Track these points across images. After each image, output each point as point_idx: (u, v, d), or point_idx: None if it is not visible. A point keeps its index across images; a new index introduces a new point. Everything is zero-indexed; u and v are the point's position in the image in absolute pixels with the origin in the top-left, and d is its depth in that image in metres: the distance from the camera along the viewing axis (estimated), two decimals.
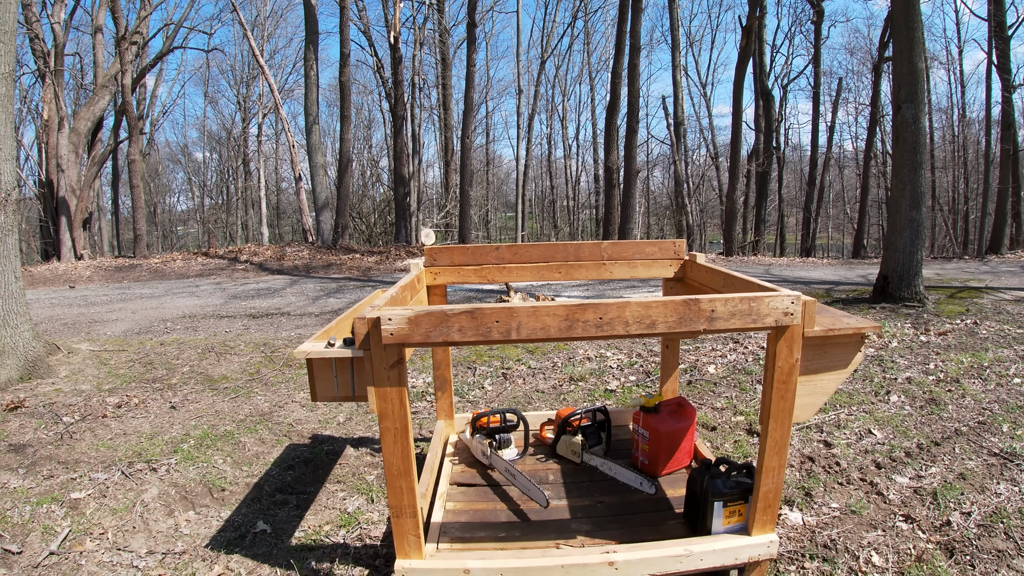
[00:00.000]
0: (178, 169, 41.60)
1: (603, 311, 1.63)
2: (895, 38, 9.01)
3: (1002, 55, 21.68)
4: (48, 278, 15.05)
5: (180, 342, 7.15)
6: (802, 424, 4.03)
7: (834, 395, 4.68)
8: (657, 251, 2.93)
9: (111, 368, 6.35)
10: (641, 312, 1.66)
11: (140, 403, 5.26)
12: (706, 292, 2.74)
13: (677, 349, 3.22)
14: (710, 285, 2.61)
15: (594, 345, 5.80)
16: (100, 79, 19.60)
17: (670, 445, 2.70)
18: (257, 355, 6.24)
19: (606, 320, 1.64)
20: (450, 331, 1.60)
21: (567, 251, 2.89)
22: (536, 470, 2.78)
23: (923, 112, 8.73)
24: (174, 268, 14.79)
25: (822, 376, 2.18)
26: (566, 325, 1.62)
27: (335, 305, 9.17)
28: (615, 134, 16.94)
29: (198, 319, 8.58)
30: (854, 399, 4.63)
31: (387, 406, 1.71)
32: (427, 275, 2.87)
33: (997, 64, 21.65)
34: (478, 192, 33.44)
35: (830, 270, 14.97)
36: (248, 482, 3.40)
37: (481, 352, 5.47)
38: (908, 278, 8.74)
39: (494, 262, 2.89)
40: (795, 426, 4.02)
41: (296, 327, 7.58)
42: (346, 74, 16.17)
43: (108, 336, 7.85)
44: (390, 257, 14.48)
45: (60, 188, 18.12)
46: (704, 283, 2.70)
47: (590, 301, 1.62)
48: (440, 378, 3.09)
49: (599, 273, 2.91)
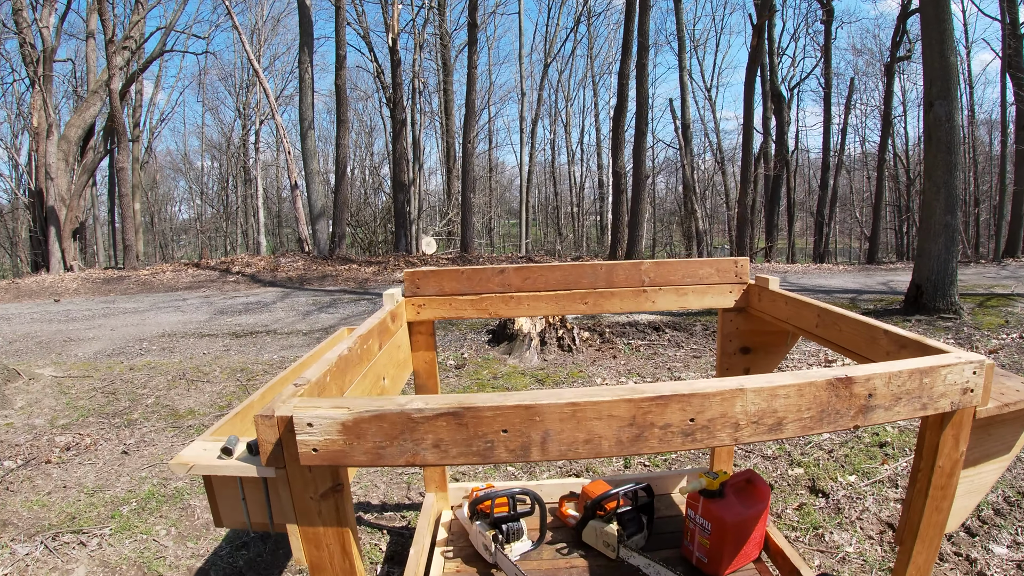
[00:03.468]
0: (180, 178, 41.12)
1: (698, 407, 0.94)
2: (924, 31, 8.45)
3: (1015, 54, 21.07)
4: (34, 291, 14.42)
5: (152, 366, 6.47)
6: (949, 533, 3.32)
7: (891, 436, 3.97)
8: (714, 273, 2.23)
9: (71, 398, 5.69)
10: (762, 406, 0.97)
11: (92, 445, 4.59)
12: (784, 329, 2.04)
13: None
14: (794, 322, 1.91)
15: (613, 371, 5.09)
16: (92, 85, 19.03)
17: (737, 538, 2.00)
18: (232, 383, 5.56)
19: (702, 422, 0.95)
20: (420, 447, 0.92)
21: (596, 275, 2.19)
22: (557, 569, 2.07)
23: (956, 109, 8.18)
24: (163, 280, 14.14)
25: (982, 468, 1.49)
26: (630, 435, 0.94)
27: (326, 321, 8.49)
28: (622, 137, 16.27)
29: (177, 338, 7.91)
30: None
31: (321, 556, 1.03)
32: (408, 308, 2.18)
33: (1010, 64, 21.01)
34: (481, 199, 32.81)
35: (848, 277, 14.27)
36: (191, 566, 2.71)
37: (484, 383, 4.77)
38: (943, 288, 8.20)
39: (498, 290, 2.19)
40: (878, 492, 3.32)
41: (281, 348, 6.89)
42: (342, 77, 15.53)
43: (78, 358, 7.19)
44: (388, 267, 13.80)
45: (49, 197, 17.52)
46: (781, 317, 2.01)
47: (675, 391, 0.94)
48: None
49: (638, 303, 2.21)
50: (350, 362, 1.39)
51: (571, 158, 36.21)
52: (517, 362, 5.44)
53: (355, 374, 1.44)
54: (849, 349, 1.69)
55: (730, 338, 2.37)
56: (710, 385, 0.95)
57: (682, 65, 19.77)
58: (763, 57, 18.86)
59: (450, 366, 5.48)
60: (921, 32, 8.57)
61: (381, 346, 1.80)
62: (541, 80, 27.45)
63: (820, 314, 1.80)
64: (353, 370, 1.42)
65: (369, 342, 1.61)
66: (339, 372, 1.29)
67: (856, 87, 29.19)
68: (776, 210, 21.27)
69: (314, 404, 0.92)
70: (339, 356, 1.30)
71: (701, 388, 0.94)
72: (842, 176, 31.10)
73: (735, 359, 2.40)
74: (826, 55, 23.80)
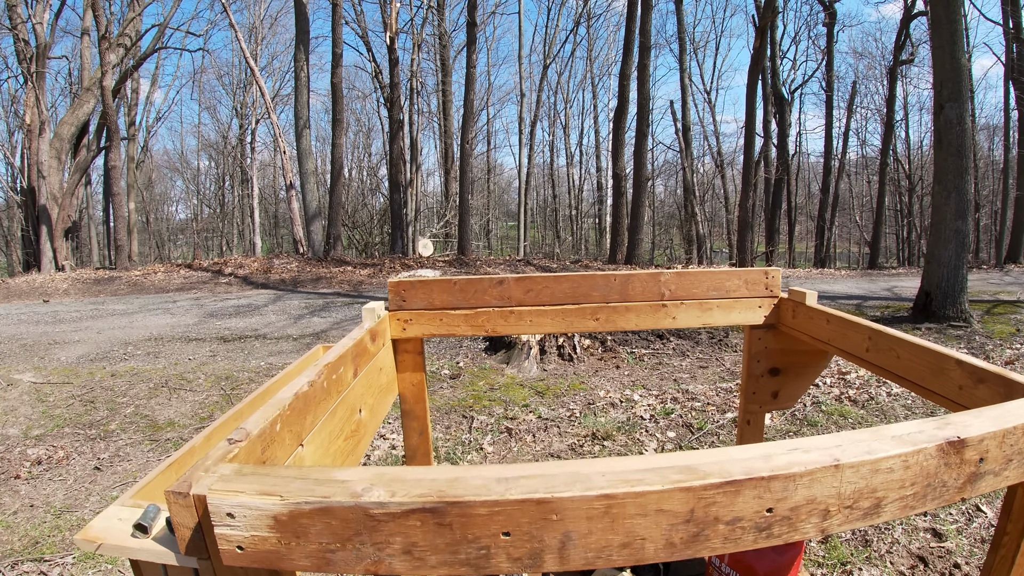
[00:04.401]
0: (176, 177, 40.81)
1: (779, 492, 0.68)
2: (934, 32, 8.29)
3: (1019, 58, 20.96)
4: (24, 290, 14.14)
5: (134, 372, 6.21)
6: None
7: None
8: (742, 285, 1.98)
9: (48, 407, 5.44)
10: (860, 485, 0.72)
11: (64, 458, 4.34)
12: (826, 351, 1.79)
13: (762, 423, 2.26)
14: (837, 344, 1.66)
15: (617, 383, 4.84)
16: (86, 82, 18.75)
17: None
18: (215, 392, 5.29)
19: (782, 512, 0.70)
20: (384, 553, 0.66)
21: (609, 287, 1.93)
22: None
23: (967, 112, 8.01)
24: (154, 281, 13.85)
25: None
26: (685, 534, 0.67)
27: (318, 325, 8.23)
28: (623, 139, 16.03)
29: (164, 342, 7.64)
30: None
31: None
32: (392, 324, 1.92)
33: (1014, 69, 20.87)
34: (479, 201, 32.56)
35: (852, 283, 14.06)
36: None
37: (480, 395, 4.51)
38: (953, 295, 8.04)
39: (496, 303, 1.94)
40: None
41: (269, 354, 6.63)
42: (338, 76, 15.28)
43: (60, 363, 6.93)
44: (384, 270, 13.53)
45: (41, 196, 17.23)
46: (820, 338, 1.76)
47: (749, 472, 0.68)
48: None
49: (656, 320, 1.96)
50: (311, 400, 1.13)
51: (570, 160, 35.99)
52: (515, 372, 5.19)
53: (320, 412, 1.19)
54: (910, 380, 1.45)
55: (758, 358, 2.12)
56: (795, 462, 0.70)
57: (683, 66, 19.56)
58: (765, 59, 18.65)
59: (444, 376, 5.22)
60: (930, 33, 8.40)
61: (357, 372, 1.55)
62: (540, 81, 27.23)
63: (872, 336, 1.55)
64: (317, 408, 1.17)
65: (340, 370, 1.35)
66: (296, 415, 1.04)
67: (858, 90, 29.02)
68: (777, 214, 21.05)
69: (235, 488, 0.67)
70: (296, 395, 1.05)
71: (784, 467, 0.68)
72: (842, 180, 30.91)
73: (763, 382, 2.16)
74: (828, 58, 23.62)
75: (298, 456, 1.06)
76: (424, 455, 2.15)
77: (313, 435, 1.15)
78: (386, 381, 1.87)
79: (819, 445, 0.76)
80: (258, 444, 0.89)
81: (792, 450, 0.74)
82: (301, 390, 1.09)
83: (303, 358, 1.82)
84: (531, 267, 14.15)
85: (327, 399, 1.29)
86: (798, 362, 2.14)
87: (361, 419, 1.59)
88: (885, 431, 0.81)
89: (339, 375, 1.39)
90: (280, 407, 0.99)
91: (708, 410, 4.05)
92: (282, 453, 0.98)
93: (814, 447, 0.75)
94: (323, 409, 1.21)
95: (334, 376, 1.35)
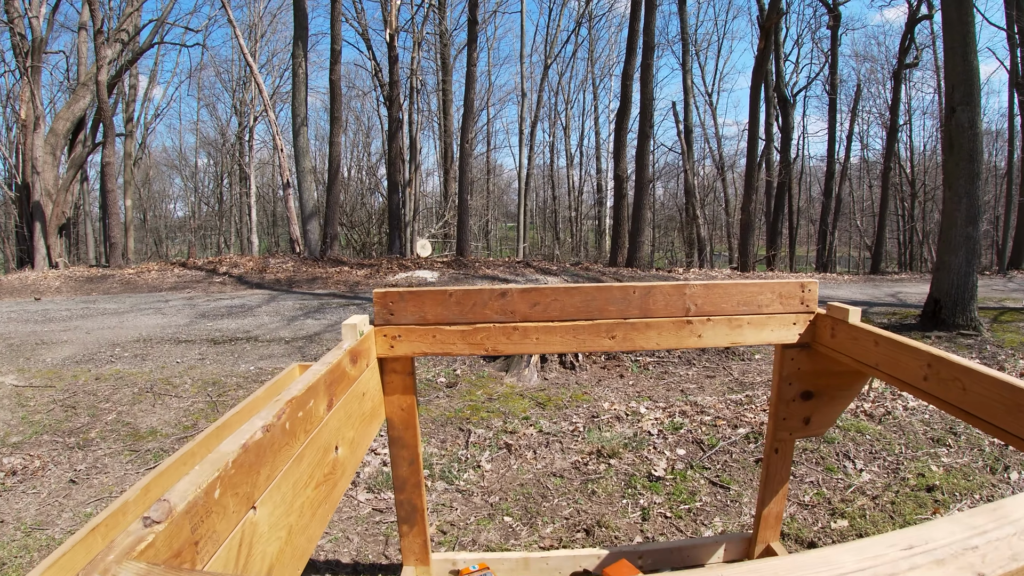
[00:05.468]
0: (175, 175, 40.58)
1: None
2: (946, 33, 8.16)
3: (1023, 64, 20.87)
4: (16, 288, 13.91)
5: (120, 376, 5.99)
6: None
7: (938, 477, 3.52)
8: (775, 300, 1.77)
9: (28, 411, 5.22)
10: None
11: (40, 469, 4.13)
12: (861, 372, 1.58)
13: (791, 452, 2.05)
14: (887, 369, 1.45)
15: (622, 394, 4.61)
16: (82, 77, 18.50)
17: None
18: (201, 399, 5.07)
19: None
20: None
21: (627, 300, 1.71)
22: None
23: (979, 115, 7.87)
24: (147, 280, 13.62)
25: None
26: None
27: (312, 328, 8.00)
28: (625, 140, 15.81)
29: (153, 343, 7.42)
30: (971, 481, 3.46)
31: None
32: (379, 341, 1.70)
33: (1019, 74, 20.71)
34: (478, 202, 32.34)
35: (855, 288, 13.87)
36: None
37: (478, 406, 4.28)
38: (963, 302, 7.91)
39: (498, 318, 1.72)
40: None
41: (259, 358, 6.40)
42: (337, 72, 15.05)
43: (45, 364, 6.71)
44: (381, 270, 13.30)
45: (36, 192, 16.98)
46: (868, 362, 1.54)
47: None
48: (407, 506, 1.91)
49: (680, 338, 1.74)
50: (267, 449, 0.92)
51: (570, 161, 35.76)
52: (515, 381, 4.96)
53: (280, 460, 0.97)
54: (980, 418, 1.23)
55: (789, 380, 1.91)
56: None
57: (685, 67, 19.35)
58: (769, 61, 18.45)
59: (440, 384, 4.99)
60: (943, 35, 8.25)
61: (333, 403, 1.33)
62: (541, 82, 26.99)
63: (932, 363, 1.33)
64: (276, 457, 0.95)
65: (310, 404, 1.14)
66: (244, 472, 0.83)
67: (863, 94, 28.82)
68: (780, 217, 20.85)
69: None
70: (244, 446, 0.83)
71: None
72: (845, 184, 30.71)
73: (794, 406, 1.94)
74: (832, 61, 23.42)
75: (249, 523, 0.84)
76: (414, 487, 1.93)
77: (271, 491, 0.94)
78: (370, 407, 1.65)
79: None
80: (185, 524, 0.67)
81: None
82: (252, 439, 0.87)
83: (274, 381, 1.60)
84: (530, 269, 13.92)
85: (290, 443, 1.07)
86: (833, 384, 1.93)
87: (337, 458, 1.36)
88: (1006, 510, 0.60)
89: (308, 411, 1.17)
90: (220, 466, 0.77)
91: (719, 424, 3.84)
92: (224, 526, 0.76)
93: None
94: (285, 456, 1.00)
95: (300, 413, 1.13)
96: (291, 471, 1.06)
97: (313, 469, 1.19)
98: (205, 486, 0.73)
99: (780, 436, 1.98)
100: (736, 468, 3.26)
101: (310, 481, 1.18)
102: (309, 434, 1.17)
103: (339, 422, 1.37)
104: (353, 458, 1.49)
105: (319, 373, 1.24)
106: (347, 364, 1.44)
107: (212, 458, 0.84)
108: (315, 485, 1.22)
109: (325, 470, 1.27)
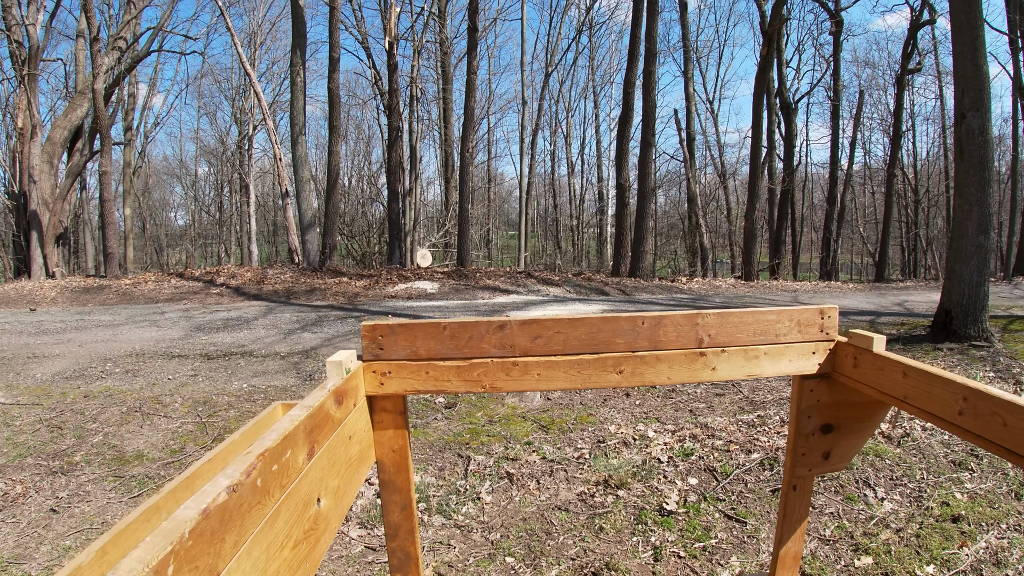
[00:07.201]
0: (176, 183, 40.56)
1: None
2: (955, 37, 8.02)
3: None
4: (12, 298, 13.76)
5: (109, 393, 5.81)
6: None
7: (962, 505, 3.33)
8: (793, 328, 1.61)
9: (13, 432, 5.05)
10: None
11: (21, 495, 3.96)
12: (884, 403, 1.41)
13: (810, 489, 1.87)
14: (917, 403, 1.29)
15: (628, 415, 4.43)
16: (79, 85, 18.43)
17: None
18: (191, 419, 4.90)
19: None
20: None
21: (635, 331, 1.54)
22: None
23: (990, 121, 7.73)
24: (144, 291, 13.46)
25: None
26: None
27: (309, 342, 7.83)
28: (627, 148, 15.68)
29: (145, 358, 7.25)
30: (997, 509, 3.28)
31: None
32: (367, 378, 1.53)
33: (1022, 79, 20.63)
34: (479, 210, 32.23)
35: (861, 297, 13.71)
36: None
37: (478, 429, 4.09)
38: (974, 313, 7.74)
39: (496, 353, 1.55)
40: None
41: (253, 374, 6.23)
42: (335, 81, 14.94)
43: (35, 380, 6.55)
44: (380, 281, 13.14)
45: (32, 201, 16.87)
46: (895, 395, 1.39)
47: None
48: (399, 554, 1.74)
49: (693, 372, 1.58)
50: (233, 512, 0.77)
51: (571, 170, 35.68)
52: (517, 401, 4.78)
53: (251, 523, 0.82)
54: (1021, 455, 1.07)
55: (808, 413, 1.74)
56: None
57: (687, 75, 19.25)
58: (772, 67, 18.33)
59: (439, 405, 4.81)
60: (952, 39, 8.11)
61: (314, 451, 1.16)
62: (542, 90, 26.92)
63: (968, 397, 1.17)
64: (245, 519, 0.80)
65: (286, 455, 0.98)
66: (205, 543, 0.68)
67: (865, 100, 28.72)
68: (783, 225, 20.68)
69: None
70: (205, 512, 0.69)
71: None
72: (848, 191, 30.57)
73: (814, 440, 1.77)
74: (835, 67, 23.33)
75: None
76: (407, 533, 1.75)
77: (239, 559, 0.78)
78: (358, 451, 1.48)
79: None
80: None
81: None
82: (215, 502, 0.72)
83: (254, 422, 1.43)
84: (532, 279, 13.75)
85: (263, 501, 0.91)
86: (854, 416, 1.77)
87: (320, 511, 1.20)
88: None
89: (284, 463, 1.01)
90: (174, 539, 0.62)
91: (731, 449, 3.65)
92: None
93: None
94: (256, 516, 0.84)
95: (275, 467, 0.97)
96: (264, 533, 0.91)
97: (291, 527, 1.03)
98: (155, 564, 0.59)
99: (799, 473, 1.81)
100: (752, 499, 3.08)
101: (287, 541, 1.02)
102: (285, 489, 1.02)
103: (322, 471, 1.21)
104: (338, 508, 1.33)
105: (298, 419, 1.08)
106: (331, 406, 1.28)
107: (167, 527, 0.69)
108: (293, 545, 1.06)
109: (305, 526, 1.11)
